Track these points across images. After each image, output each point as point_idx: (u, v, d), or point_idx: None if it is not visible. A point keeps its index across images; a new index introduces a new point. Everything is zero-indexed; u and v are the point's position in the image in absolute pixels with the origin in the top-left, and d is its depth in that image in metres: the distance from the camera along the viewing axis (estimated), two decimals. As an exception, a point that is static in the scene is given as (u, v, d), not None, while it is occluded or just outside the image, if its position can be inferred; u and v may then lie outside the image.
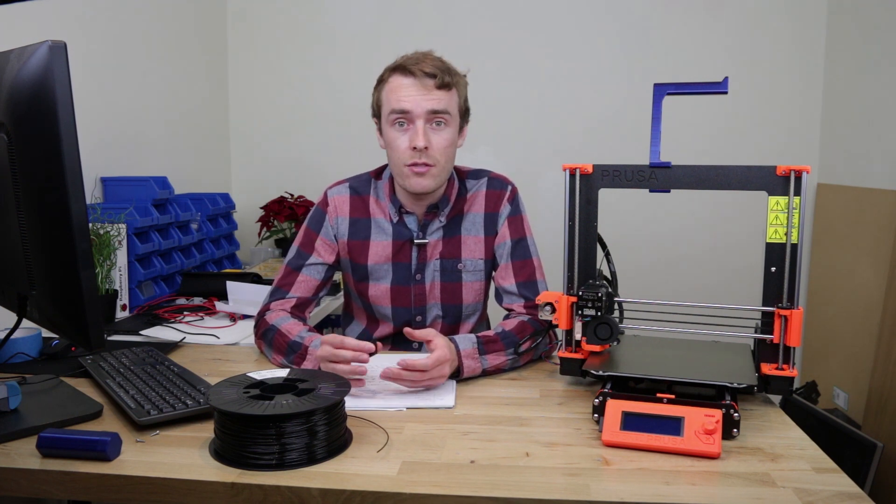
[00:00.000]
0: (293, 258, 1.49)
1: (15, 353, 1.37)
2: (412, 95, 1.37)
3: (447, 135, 1.41)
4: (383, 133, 1.44)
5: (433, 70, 1.37)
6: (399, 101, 1.38)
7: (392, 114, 1.39)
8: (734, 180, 1.14)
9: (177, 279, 2.09)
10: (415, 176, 1.40)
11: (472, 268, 1.51)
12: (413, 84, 1.38)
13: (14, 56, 0.96)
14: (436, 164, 1.40)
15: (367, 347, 1.18)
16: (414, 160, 1.38)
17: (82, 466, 0.92)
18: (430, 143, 1.38)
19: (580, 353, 1.22)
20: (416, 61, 1.39)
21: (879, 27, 2.52)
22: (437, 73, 1.37)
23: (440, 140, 1.40)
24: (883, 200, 2.41)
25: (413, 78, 1.38)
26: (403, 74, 1.39)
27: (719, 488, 0.88)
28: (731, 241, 2.93)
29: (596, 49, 2.98)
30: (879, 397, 2.24)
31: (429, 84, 1.37)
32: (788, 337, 1.11)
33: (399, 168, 1.41)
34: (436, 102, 1.38)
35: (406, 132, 1.39)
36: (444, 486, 0.88)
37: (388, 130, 1.42)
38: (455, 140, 1.44)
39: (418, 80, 1.37)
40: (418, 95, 1.37)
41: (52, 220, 0.94)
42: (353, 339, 1.20)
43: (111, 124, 2.21)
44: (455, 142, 1.44)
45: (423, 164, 1.39)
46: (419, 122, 1.38)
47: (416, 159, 1.38)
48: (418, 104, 1.37)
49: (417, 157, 1.38)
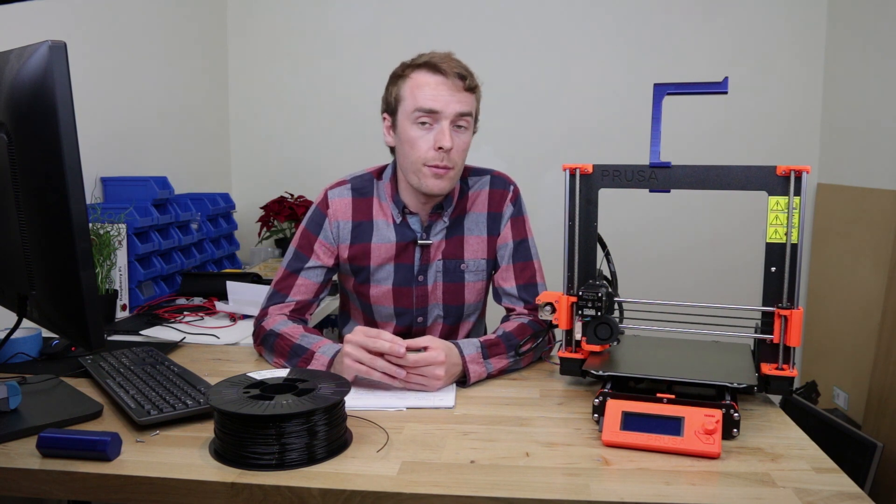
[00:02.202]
0: (291, 260, 1.47)
1: (15, 353, 1.37)
2: (443, 95, 1.35)
3: (467, 138, 1.40)
4: (399, 130, 1.41)
5: (462, 71, 1.36)
6: (428, 100, 1.35)
7: (417, 111, 1.36)
8: (734, 180, 1.14)
9: (177, 279, 2.09)
10: (434, 177, 1.38)
11: (474, 268, 1.50)
12: (443, 83, 1.35)
13: (14, 56, 0.96)
14: (454, 167, 1.39)
15: (402, 342, 1.18)
16: (437, 161, 1.37)
17: (82, 466, 0.92)
18: (453, 145, 1.37)
19: (580, 353, 1.22)
20: (444, 60, 1.37)
21: (879, 27, 2.52)
22: (467, 76, 1.36)
23: (460, 143, 1.39)
24: (883, 200, 2.41)
25: (443, 77, 1.36)
26: (432, 72, 1.36)
27: (719, 488, 0.88)
28: (730, 241, 2.93)
29: (596, 49, 2.98)
30: (879, 397, 2.24)
31: (459, 85, 1.36)
32: (788, 337, 1.11)
33: (417, 167, 1.39)
34: (464, 105, 1.36)
35: (429, 131, 1.37)
36: (444, 486, 0.88)
37: (407, 128, 1.38)
38: (469, 145, 1.43)
39: (449, 80, 1.35)
40: (448, 96, 1.35)
41: (52, 220, 0.94)
42: (389, 334, 1.19)
43: (111, 124, 2.21)
44: (469, 146, 1.43)
45: (444, 167, 1.37)
46: (445, 122, 1.36)
47: (439, 161, 1.37)
48: (448, 104, 1.35)
49: (440, 158, 1.36)
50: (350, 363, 1.19)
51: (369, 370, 1.18)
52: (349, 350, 1.19)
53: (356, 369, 1.19)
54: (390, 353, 1.17)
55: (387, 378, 1.18)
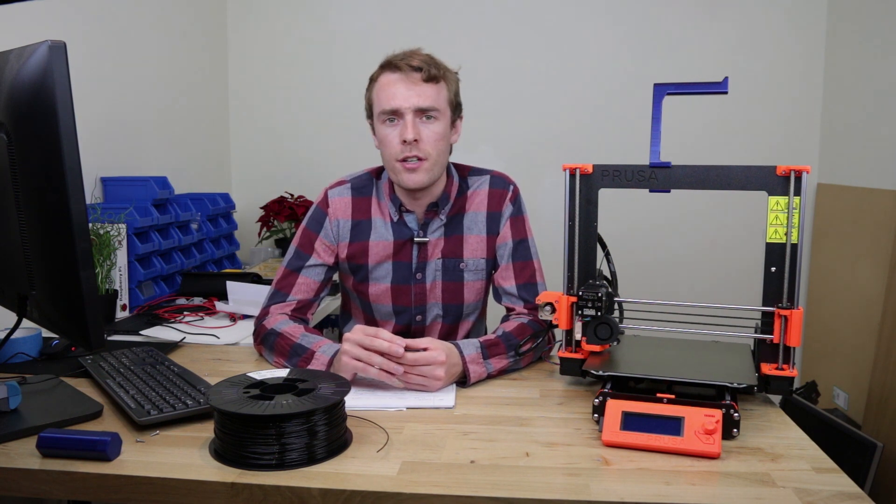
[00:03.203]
0: (292, 259, 1.48)
1: (15, 353, 1.37)
2: (400, 92, 1.38)
3: (437, 128, 1.41)
4: (376, 132, 1.45)
5: (419, 63, 1.38)
6: (388, 100, 1.38)
7: (382, 113, 1.40)
8: (734, 180, 1.14)
9: (177, 279, 2.09)
10: (406, 171, 1.40)
11: (473, 267, 1.51)
12: (400, 79, 1.38)
13: (14, 56, 0.96)
14: (427, 158, 1.40)
15: (401, 341, 1.18)
16: (405, 154, 1.38)
17: (82, 466, 0.92)
18: (420, 136, 1.38)
19: (580, 353, 1.22)
20: (403, 57, 1.40)
21: (879, 27, 2.52)
22: (423, 66, 1.38)
23: (430, 133, 1.40)
24: (883, 200, 2.41)
25: (400, 73, 1.38)
26: (391, 70, 1.40)
27: (719, 488, 0.88)
28: (731, 242, 2.93)
29: (596, 49, 2.98)
30: (879, 397, 2.24)
31: (415, 77, 1.38)
32: (788, 337, 1.11)
33: (391, 164, 1.41)
34: (423, 99, 1.38)
35: (395, 128, 1.40)
36: (444, 486, 0.88)
37: (379, 129, 1.42)
38: (447, 134, 1.43)
39: (405, 74, 1.38)
40: (405, 90, 1.38)
41: (52, 220, 0.94)
42: (388, 333, 1.20)
43: (111, 124, 2.21)
44: (447, 136, 1.43)
45: (414, 158, 1.38)
46: (408, 116, 1.38)
47: (407, 153, 1.38)
48: (406, 99, 1.37)
49: (408, 150, 1.38)
50: (348, 360, 1.19)
51: (366, 367, 1.18)
52: (347, 348, 1.20)
53: (354, 366, 1.19)
54: (388, 353, 1.18)
55: (384, 375, 1.18)
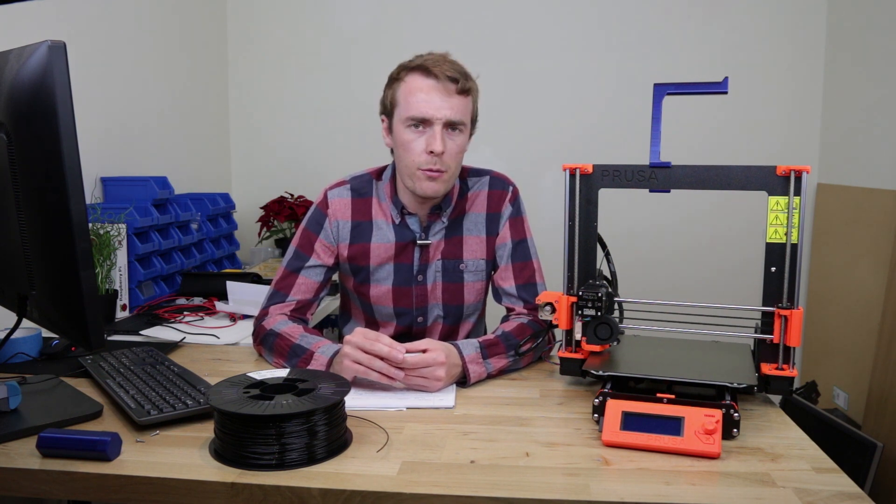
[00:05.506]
0: (291, 260, 1.48)
1: (15, 353, 1.37)
2: (434, 101, 1.35)
3: (461, 141, 1.40)
4: (395, 133, 1.41)
5: (455, 74, 1.35)
6: (419, 106, 1.35)
7: (409, 117, 1.37)
8: (734, 180, 1.14)
9: (177, 279, 2.09)
10: (427, 180, 1.38)
11: (473, 268, 1.51)
12: (435, 88, 1.35)
13: (14, 56, 0.96)
14: (447, 170, 1.39)
15: (401, 347, 1.18)
16: (430, 165, 1.37)
17: (82, 466, 0.92)
18: (445, 149, 1.36)
19: (580, 353, 1.22)
20: (437, 63, 1.36)
21: (879, 27, 2.52)
22: (459, 78, 1.36)
23: (454, 146, 1.38)
24: (883, 200, 2.41)
25: (435, 80, 1.35)
26: (424, 75, 1.36)
27: (719, 488, 0.88)
28: (731, 242, 2.93)
29: (596, 49, 2.98)
30: (879, 397, 2.24)
31: (451, 88, 1.35)
32: (788, 337, 1.11)
33: (411, 170, 1.39)
34: (455, 112, 1.36)
35: (422, 135, 1.37)
36: (444, 486, 0.88)
37: (401, 131, 1.39)
38: (465, 147, 1.43)
39: (440, 83, 1.35)
40: (440, 101, 1.35)
41: (52, 220, 0.94)
42: (388, 338, 1.20)
43: (111, 124, 2.21)
44: (465, 148, 1.43)
45: (437, 170, 1.38)
46: (437, 127, 1.35)
47: (432, 165, 1.37)
48: (439, 110, 1.35)
49: (433, 162, 1.37)
50: (349, 364, 1.19)
51: (367, 371, 1.18)
52: (348, 351, 1.20)
53: (354, 370, 1.19)
54: (388, 358, 1.18)
55: (385, 379, 1.18)
